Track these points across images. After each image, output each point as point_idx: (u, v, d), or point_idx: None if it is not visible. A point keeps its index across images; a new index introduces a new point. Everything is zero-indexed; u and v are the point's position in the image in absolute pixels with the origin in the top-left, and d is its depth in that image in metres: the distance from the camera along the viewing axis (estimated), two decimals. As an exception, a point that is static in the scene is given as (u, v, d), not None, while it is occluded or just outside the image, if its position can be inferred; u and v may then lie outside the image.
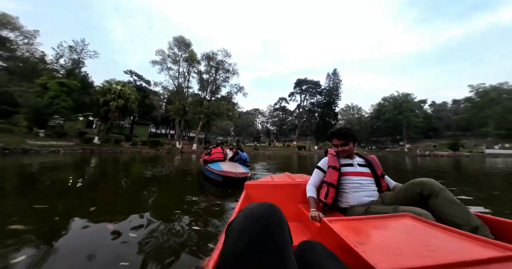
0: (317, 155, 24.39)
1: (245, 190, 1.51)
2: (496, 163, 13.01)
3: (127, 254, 1.32)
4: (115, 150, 16.64)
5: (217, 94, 24.97)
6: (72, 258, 1.27)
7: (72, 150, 14.16)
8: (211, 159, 4.38)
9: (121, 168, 6.83)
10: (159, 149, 19.43)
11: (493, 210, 2.50)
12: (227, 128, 40.75)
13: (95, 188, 3.46)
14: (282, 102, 51.32)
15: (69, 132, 17.37)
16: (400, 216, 0.71)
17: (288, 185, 1.54)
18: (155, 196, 2.96)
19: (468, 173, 7.13)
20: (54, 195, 2.82)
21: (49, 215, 2.00)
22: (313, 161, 12.96)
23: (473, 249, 0.47)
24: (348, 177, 1.27)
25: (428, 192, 0.98)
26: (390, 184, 1.34)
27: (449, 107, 53.19)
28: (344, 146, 1.32)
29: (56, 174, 4.80)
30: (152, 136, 29.92)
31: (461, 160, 17.51)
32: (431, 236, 0.55)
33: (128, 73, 31.69)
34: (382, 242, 0.52)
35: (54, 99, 14.88)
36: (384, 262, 0.41)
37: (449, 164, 11.72)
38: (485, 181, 5.22)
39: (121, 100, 17.16)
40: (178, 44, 22.58)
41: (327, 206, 1.26)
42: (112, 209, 2.36)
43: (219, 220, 1.99)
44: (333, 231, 0.57)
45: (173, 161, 9.81)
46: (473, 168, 9.25)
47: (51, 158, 8.92)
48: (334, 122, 41.11)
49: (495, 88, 40.35)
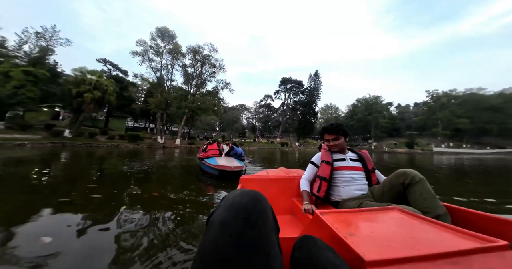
0: (297, 151, 26.08)
1: (241, 184, 1.55)
2: (442, 160, 15.22)
3: (110, 247, 1.36)
4: (90, 144, 15.64)
5: (203, 89, 24.62)
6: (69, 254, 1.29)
7: (40, 143, 13.03)
8: (207, 155, 4.55)
9: (102, 163, 6.60)
10: (139, 144, 18.68)
11: (443, 200, 3.52)
12: (212, 123, 40.28)
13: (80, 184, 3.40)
14: (268, 99, 52.29)
15: (34, 124, 15.68)
16: (388, 209, 0.74)
17: (283, 179, 1.58)
18: (145, 189, 3.01)
19: (421, 168, 8.22)
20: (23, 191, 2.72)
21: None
22: (294, 156, 14.19)
23: (455, 240, 0.49)
24: (340, 171, 1.30)
25: (409, 181, 1.03)
26: (380, 178, 1.37)
27: (411, 110, 60.45)
28: (335, 141, 1.37)
29: (28, 168, 4.58)
30: (130, 130, 28.24)
31: (415, 156, 20.66)
32: (417, 228, 0.57)
33: (102, 62, 28.94)
34: (371, 234, 0.54)
35: (19, 89, 13.29)
36: (372, 253, 0.43)
37: (406, 160, 13.91)
38: (435, 175, 6.04)
39: (97, 91, 16.02)
40: (161, 35, 21.52)
41: (320, 199, 1.30)
42: (98, 204, 2.38)
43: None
44: (325, 223, 0.58)
45: (159, 156, 9.74)
46: (424, 164, 10.78)
47: (17, 152, 8.22)
48: (314, 121, 43.76)
49: (446, 94, 47.41)
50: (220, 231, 0.33)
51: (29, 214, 1.97)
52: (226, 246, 0.31)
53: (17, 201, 2.41)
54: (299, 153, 19.52)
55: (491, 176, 6.68)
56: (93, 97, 15.76)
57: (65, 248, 1.38)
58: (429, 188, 0.99)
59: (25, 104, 14.83)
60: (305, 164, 8.44)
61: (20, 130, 13.75)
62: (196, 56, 22.58)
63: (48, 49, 19.55)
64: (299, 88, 45.06)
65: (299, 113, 42.99)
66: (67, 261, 1.24)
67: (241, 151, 5.17)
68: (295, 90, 45.47)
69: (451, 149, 38.96)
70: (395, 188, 1.09)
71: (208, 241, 0.33)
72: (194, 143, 24.23)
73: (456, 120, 41.29)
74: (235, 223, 0.34)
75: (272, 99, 50.94)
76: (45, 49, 19.21)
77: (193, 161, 7.70)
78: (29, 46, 19.04)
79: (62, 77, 19.23)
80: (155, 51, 21.56)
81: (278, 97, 48.78)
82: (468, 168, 8.75)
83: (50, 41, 20.06)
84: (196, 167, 5.64)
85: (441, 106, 44.92)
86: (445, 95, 46.97)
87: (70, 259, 1.26)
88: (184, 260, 1.26)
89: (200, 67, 23.29)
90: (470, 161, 13.13)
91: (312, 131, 43.72)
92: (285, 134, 47.41)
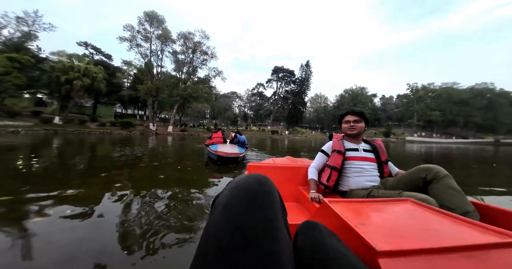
0: (287, 138, 27.77)
1: (248, 171, 1.58)
2: (413, 147, 16.80)
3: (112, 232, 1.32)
4: (82, 131, 15.76)
5: (194, 76, 24.44)
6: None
7: (33, 130, 13.06)
8: (212, 142, 5.12)
9: (102, 149, 6.63)
10: (131, 131, 18.95)
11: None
12: (203, 110, 40.20)
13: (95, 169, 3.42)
14: (260, 87, 52.41)
15: (21, 112, 15.25)
16: (401, 201, 0.70)
17: (289, 168, 1.59)
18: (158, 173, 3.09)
19: (395, 153, 9.34)
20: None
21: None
22: (283, 143, 15.64)
23: (474, 234, 0.47)
24: (352, 161, 1.27)
25: (432, 177, 0.98)
26: (392, 170, 1.34)
27: (394, 101, 64.27)
28: (356, 123, 1.32)
29: (34, 154, 4.58)
30: (119, 116, 27.64)
31: (389, 145, 23.25)
32: (431, 221, 0.55)
33: (83, 45, 27.01)
34: (382, 224, 0.52)
35: (4, 76, 12.74)
36: (385, 243, 0.41)
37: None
38: (405, 162, 6.39)
39: (86, 78, 15.69)
40: (149, 20, 20.49)
41: (328, 188, 1.28)
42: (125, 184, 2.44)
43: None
44: (334, 211, 0.56)
45: (154, 142, 9.93)
46: (397, 151, 11.96)
47: (14, 139, 8.16)
48: (303, 110, 45.38)
49: (424, 87, 50.84)
50: (224, 213, 0.32)
51: (62, 188, 2.14)
52: (229, 229, 0.29)
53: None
54: (288, 141, 21.12)
55: (450, 161, 7.39)
56: (83, 84, 15.48)
57: (76, 225, 1.40)
58: (455, 184, 0.94)
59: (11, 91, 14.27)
60: (293, 151, 9.86)
61: (9, 117, 13.49)
62: (187, 42, 22.06)
63: (31, 34, 18.09)
64: (290, 77, 45.58)
65: (289, 102, 44.07)
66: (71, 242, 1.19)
67: (244, 139, 5.45)
68: (287, 79, 45.97)
69: (422, 138, 43.32)
70: (412, 182, 1.05)
71: (212, 223, 0.32)
72: (186, 130, 24.77)
73: (429, 113, 45.29)
74: (240, 204, 0.32)
75: (264, 87, 51.23)
76: (28, 35, 17.77)
77: (193, 147, 8.52)
78: (9, 31, 17.52)
79: (46, 63, 18.16)
80: (143, 36, 20.73)
81: (270, 86, 49.16)
82: (434, 155, 10.03)
83: (33, 26, 18.61)
84: (197, 152, 6.63)
85: (418, 99, 48.56)
86: (423, 88, 50.47)
87: (75, 237, 1.24)
88: (183, 240, 1.26)
89: (192, 54, 22.89)
90: (437, 150, 14.57)
91: (301, 120, 45.49)
92: (276, 123, 48.90)
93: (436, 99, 47.00)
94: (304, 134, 41.16)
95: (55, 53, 19.24)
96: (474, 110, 45.38)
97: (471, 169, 5.44)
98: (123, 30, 20.07)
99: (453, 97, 46.46)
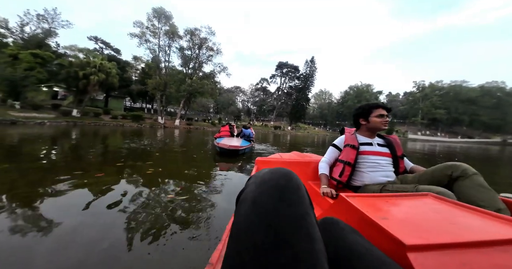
0: (289, 134, 28.46)
1: (256, 166, 1.59)
2: (415, 145, 17.18)
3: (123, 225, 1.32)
4: (97, 123, 16.94)
5: (199, 71, 25.06)
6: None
7: (56, 122, 14.28)
8: (219, 136, 5.50)
9: (119, 140, 6.97)
10: (141, 124, 20.02)
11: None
12: (207, 105, 41.03)
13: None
14: (264, 82, 52.52)
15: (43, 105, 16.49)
16: (420, 195, 0.66)
17: (298, 163, 1.57)
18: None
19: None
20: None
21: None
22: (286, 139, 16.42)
23: (505, 228, 0.44)
24: (366, 156, 1.24)
25: (459, 174, 0.93)
26: (407, 166, 1.29)
27: (400, 98, 63.28)
28: (388, 118, 1.29)
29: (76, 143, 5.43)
30: (128, 109, 28.92)
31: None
32: (456, 215, 0.52)
33: (93, 40, 27.78)
34: (405, 219, 0.49)
35: (29, 71, 13.88)
36: (412, 237, 0.38)
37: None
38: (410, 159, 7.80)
39: (101, 74, 16.71)
40: (157, 16, 21.06)
41: (341, 184, 1.26)
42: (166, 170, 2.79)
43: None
44: (353, 205, 0.54)
45: (163, 135, 10.26)
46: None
47: (43, 130, 8.76)
48: (307, 106, 45.48)
49: (431, 85, 49.81)
50: (253, 209, 0.30)
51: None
52: (262, 227, 0.28)
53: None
54: (290, 136, 21.88)
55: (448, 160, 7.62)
56: (99, 79, 16.51)
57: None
58: (485, 182, 0.89)
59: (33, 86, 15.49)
60: (295, 146, 10.92)
61: (33, 109, 14.70)
62: (193, 38, 22.58)
63: (51, 31, 19.19)
64: (295, 73, 45.47)
65: (293, 98, 44.26)
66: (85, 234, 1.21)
67: (249, 132, 5.61)
68: (291, 75, 45.89)
69: (425, 136, 42.98)
70: (436, 179, 1.00)
71: (241, 221, 0.30)
72: (192, 124, 25.82)
73: (434, 111, 44.68)
74: (269, 200, 0.30)
75: (268, 82, 51.34)
76: (48, 31, 18.86)
77: (202, 139, 9.30)
78: (30, 27, 18.74)
79: (65, 59, 19.32)
80: (152, 32, 21.38)
81: (274, 81, 49.24)
82: (437, 153, 10.01)
83: (52, 24, 19.74)
84: (202, 144, 7.33)
85: (424, 97, 47.75)
86: (430, 86, 49.34)
87: (86, 230, 1.25)
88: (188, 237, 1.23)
89: (198, 50, 23.45)
90: (439, 148, 14.42)
91: (304, 116, 45.79)
92: (279, 118, 49.40)
93: (443, 97, 46.23)
94: (307, 130, 41.72)
95: (67, 47, 20.27)
96: (481, 109, 44.45)
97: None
98: (133, 27, 20.88)
99: (461, 95, 45.60)
